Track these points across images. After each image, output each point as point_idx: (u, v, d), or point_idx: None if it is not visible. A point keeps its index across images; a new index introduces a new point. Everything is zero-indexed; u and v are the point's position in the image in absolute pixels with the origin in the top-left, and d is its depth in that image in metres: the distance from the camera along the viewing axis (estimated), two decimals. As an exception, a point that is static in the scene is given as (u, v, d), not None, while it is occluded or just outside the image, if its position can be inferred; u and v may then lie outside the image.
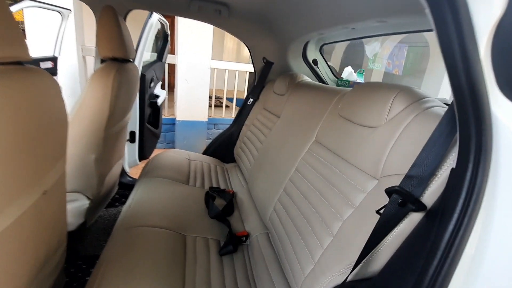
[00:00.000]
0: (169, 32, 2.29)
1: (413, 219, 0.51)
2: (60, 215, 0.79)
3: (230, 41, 5.51)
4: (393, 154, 0.63)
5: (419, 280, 0.42)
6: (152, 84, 2.05)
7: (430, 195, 0.51)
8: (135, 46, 1.54)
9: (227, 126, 3.74)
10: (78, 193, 1.15)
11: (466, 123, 0.38)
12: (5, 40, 0.48)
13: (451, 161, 0.49)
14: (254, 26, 1.51)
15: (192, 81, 3.21)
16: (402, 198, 0.50)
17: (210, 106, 3.53)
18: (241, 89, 3.87)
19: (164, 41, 2.31)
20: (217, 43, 3.34)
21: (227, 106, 3.92)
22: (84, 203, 1.16)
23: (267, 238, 1.04)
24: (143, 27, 1.82)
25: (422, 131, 0.59)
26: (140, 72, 1.72)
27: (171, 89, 3.62)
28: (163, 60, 2.34)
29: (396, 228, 0.53)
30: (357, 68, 1.52)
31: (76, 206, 1.14)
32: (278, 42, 1.56)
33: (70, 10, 2.54)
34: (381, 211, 0.53)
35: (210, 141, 3.73)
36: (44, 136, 0.60)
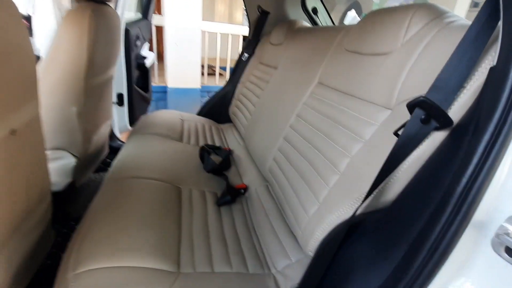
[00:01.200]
0: (153, -14, 2.08)
1: (435, 139, 0.45)
2: (37, 164, 0.72)
3: (221, 3, 5.17)
4: (410, 77, 0.55)
5: (446, 199, 0.37)
6: (138, 43, 1.90)
7: (458, 109, 0.44)
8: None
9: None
10: (62, 151, 1.07)
11: None
12: None
13: (489, 62, 0.41)
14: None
15: (183, 45, 3.02)
16: (426, 113, 0.43)
17: (202, 74, 3.37)
18: (234, 58, 3.69)
19: (149, -1, 2.11)
20: (207, 6, 3.10)
21: (220, 75, 3.75)
22: (70, 161, 1.08)
23: (266, 190, 0.99)
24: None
25: (446, 47, 0.51)
26: (123, 25, 1.57)
27: (161, 58, 3.42)
28: (149, 18, 2.16)
29: (415, 151, 0.46)
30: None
31: (62, 164, 1.06)
32: (274, -13, 1.42)
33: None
34: (399, 132, 0.47)
35: (204, 109, 3.63)
36: (4, 65, 0.51)
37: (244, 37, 3.41)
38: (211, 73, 4.08)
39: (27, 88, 0.61)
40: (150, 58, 2.09)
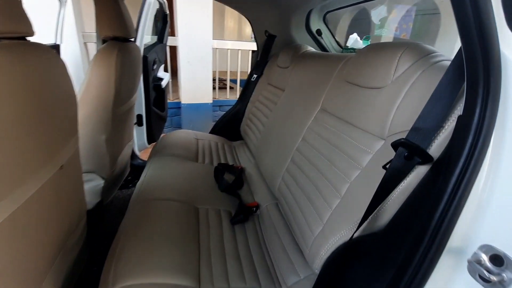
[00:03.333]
0: (168, 11, 2.24)
1: (419, 172, 0.52)
2: (77, 190, 0.83)
3: (231, 19, 5.36)
4: (399, 112, 0.62)
5: (425, 227, 0.43)
6: (155, 67, 2.04)
7: (437, 147, 0.51)
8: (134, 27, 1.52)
9: (233, 107, 3.74)
10: (92, 173, 1.19)
11: (473, 64, 0.37)
12: (8, 15, 0.49)
13: (458, 111, 0.48)
14: (254, -3, 1.46)
15: (195, 63, 3.17)
16: (408, 151, 0.50)
17: (214, 88, 3.51)
18: (244, 69, 3.81)
19: (164, 22, 2.27)
20: (217, 22, 3.26)
21: (231, 88, 3.88)
22: (99, 182, 1.20)
23: (276, 207, 1.07)
24: (141, 7, 1.79)
25: (429, 86, 0.58)
26: (141, 52, 1.71)
27: (175, 73, 3.60)
28: (164, 42, 2.31)
29: (402, 182, 0.53)
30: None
31: (92, 185, 1.18)
32: (280, 14, 1.52)
33: (67, -5, 2.50)
34: (387, 166, 0.54)
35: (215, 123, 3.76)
36: (54, 112, 0.62)
37: (253, 51, 3.54)
38: (222, 86, 4.23)
39: (70, 126, 0.73)
40: (165, 79, 2.23)
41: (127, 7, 1.37)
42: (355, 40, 1.36)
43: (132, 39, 1.30)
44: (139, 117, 1.94)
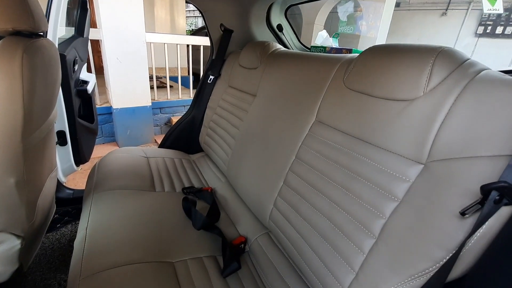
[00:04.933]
0: (86, -3, 1.78)
1: (502, 214, 0.41)
2: None
3: (162, 9, 4.80)
4: (444, 132, 0.51)
5: None
6: (76, 67, 1.60)
7: None
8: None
9: (175, 108, 3.36)
10: (3, 233, 0.81)
11: None
12: None
13: None
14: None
15: (126, 59, 2.69)
16: (500, 194, 0.39)
17: (152, 88, 3.07)
18: (184, 65, 3.45)
19: (83, 10, 1.80)
20: (147, 12, 2.80)
21: (171, 86, 3.47)
22: (14, 244, 0.83)
23: (269, 239, 0.89)
24: (50, -11, 1.34)
25: (482, 101, 0.48)
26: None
27: (98, 71, 3.01)
28: (85, 35, 1.84)
29: (481, 228, 0.42)
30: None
31: (3, 250, 0.80)
32: (238, 6, 1.31)
33: None
34: (467, 212, 0.42)
35: (158, 127, 3.33)
36: None
37: (193, 46, 3.21)
38: (160, 85, 3.77)
39: None
40: (91, 81, 1.78)
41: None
42: (325, 38, 1.26)
43: (42, 33, 0.92)
44: (61, 134, 1.49)
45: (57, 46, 1.37)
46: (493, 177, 0.42)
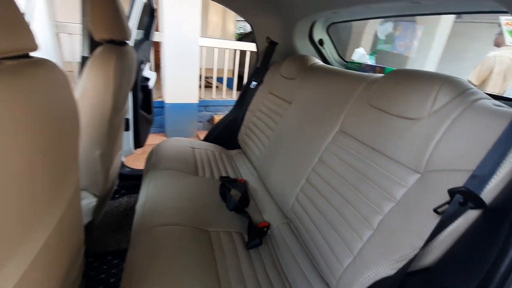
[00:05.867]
0: (156, 5, 2.09)
1: (469, 216, 0.51)
2: (78, 221, 0.73)
3: (215, 14, 5.19)
4: (439, 148, 0.62)
5: (484, 282, 0.43)
6: (142, 66, 1.91)
7: (489, 192, 0.50)
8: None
9: (218, 108, 3.64)
10: (85, 191, 1.07)
11: None
12: (10, 30, 0.39)
13: None
14: (259, 3, 1.40)
15: (180, 60, 3.03)
16: (464, 198, 0.49)
17: (199, 87, 3.38)
18: (230, 68, 3.72)
19: (151, 17, 2.12)
20: (201, 18, 3.12)
21: (216, 87, 3.77)
22: (92, 200, 1.09)
23: (288, 227, 1.03)
24: (132, 4, 1.64)
25: (473, 126, 0.58)
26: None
27: (156, 68, 3.41)
28: (150, 39, 2.16)
29: (450, 226, 0.52)
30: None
31: (85, 204, 1.07)
32: (284, 21, 1.47)
33: (38, -20, 2.24)
34: (439, 210, 0.53)
35: (201, 124, 3.64)
36: (60, 140, 0.53)
37: (241, 51, 3.46)
38: (207, 85, 4.10)
39: (74, 152, 0.63)
40: (152, 78, 2.09)
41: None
42: (361, 55, 1.36)
43: (129, 41, 1.18)
44: (126, 121, 1.80)
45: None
46: (468, 186, 0.53)
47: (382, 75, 0.89)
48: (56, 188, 0.52)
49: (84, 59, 1.43)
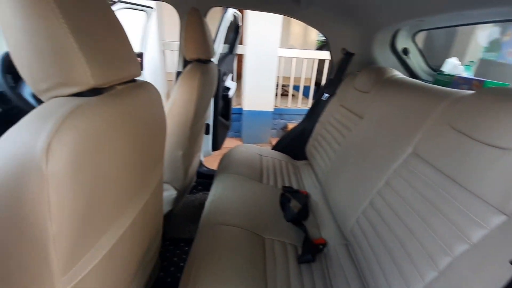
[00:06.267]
0: (241, 23, 2.30)
1: None
2: (159, 207, 0.89)
3: (297, 26, 5.29)
4: (538, 188, 0.50)
5: None
6: (225, 77, 2.12)
7: None
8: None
9: (293, 116, 3.69)
10: (167, 184, 1.28)
11: None
12: (124, 63, 0.53)
13: None
14: (335, 14, 1.39)
15: (260, 71, 3.21)
16: None
17: (276, 95, 3.51)
18: (308, 76, 3.72)
19: (235, 33, 2.33)
20: (283, 28, 3.23)
21: (292, 95, 3.83)
22: (173, 193, 1.28)
23: (346, 250, 0.99)
24: (220, 23, 1.86)
25: None
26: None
27: (238, 78, 3.70)
28: (234, 52, 2.38)
29: None
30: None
31: (166, 195, 1.27)
32: (362, 31, 1.41)
33: (154, 8, 2.77)
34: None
35: (274, 131, 3.75)
36: (150, 142, 0.67)
37: (320, 60, 3.42)
38: (284, 93, 4.20)
39: (160, 152, 0.77)
40: (232, 88, 2.30)
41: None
42: (454, 65, 1.17)
43: (212, 59, 1.35)
44: (207, 126, 2.04)
45: (216, 62, 1.87)
46: None
47: (472, 92, 0.76)
48: (143, 179, 0.66)
49: (178, 74, 1.70)
